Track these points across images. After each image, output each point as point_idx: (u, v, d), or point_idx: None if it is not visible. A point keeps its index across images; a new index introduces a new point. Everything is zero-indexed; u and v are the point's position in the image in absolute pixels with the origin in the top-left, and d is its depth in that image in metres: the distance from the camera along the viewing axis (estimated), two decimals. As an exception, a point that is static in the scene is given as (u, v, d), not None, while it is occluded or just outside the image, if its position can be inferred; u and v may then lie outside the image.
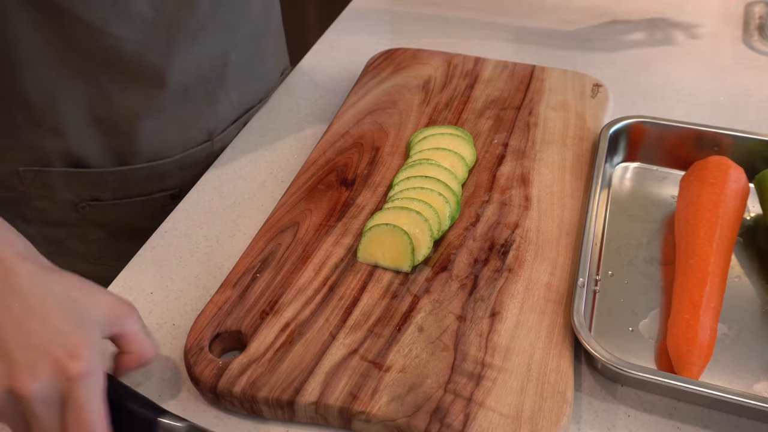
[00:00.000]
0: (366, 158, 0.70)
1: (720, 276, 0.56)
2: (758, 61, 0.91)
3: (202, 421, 0.51)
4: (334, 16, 1.04)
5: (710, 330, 0.53)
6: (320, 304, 0.55)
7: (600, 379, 0.53)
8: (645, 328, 0.56)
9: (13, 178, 0.69)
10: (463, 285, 0.57)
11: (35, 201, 0.70)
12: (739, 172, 0.63)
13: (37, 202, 0.70)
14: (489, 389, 0.49)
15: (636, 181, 0.71)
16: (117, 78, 0.65)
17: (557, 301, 0.56)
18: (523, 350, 0.52)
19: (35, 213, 0.71)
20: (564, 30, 0.99)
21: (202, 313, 0.55)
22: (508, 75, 0.83)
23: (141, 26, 0.63)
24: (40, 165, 0.68)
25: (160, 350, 0.52)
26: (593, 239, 0.59)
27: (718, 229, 0.58)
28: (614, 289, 0.59)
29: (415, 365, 0.51)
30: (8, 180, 0.69)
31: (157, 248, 0.65)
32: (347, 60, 0.92)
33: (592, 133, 0.74)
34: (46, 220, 0.72)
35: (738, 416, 0.51)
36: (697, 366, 0.51)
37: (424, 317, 0.54)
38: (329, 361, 0.51)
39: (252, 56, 0.78)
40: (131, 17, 0.62)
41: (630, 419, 0.51)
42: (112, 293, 0.48)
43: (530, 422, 0.47)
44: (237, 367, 0.51)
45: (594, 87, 0.80)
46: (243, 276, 0.58)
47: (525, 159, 0.70)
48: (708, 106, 0.83)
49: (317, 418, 0.50)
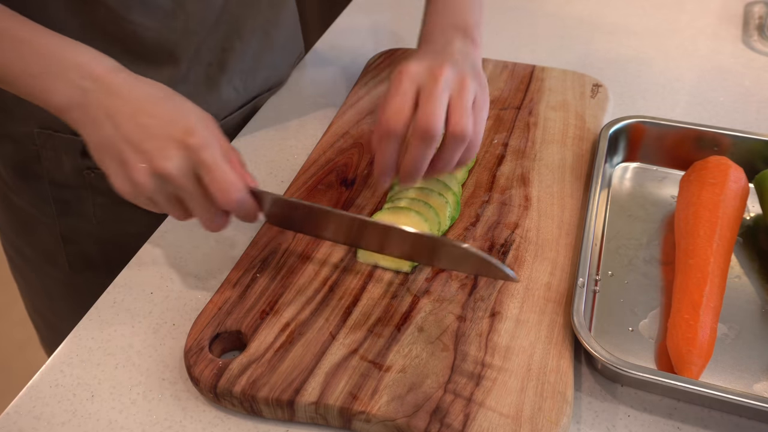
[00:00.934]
0: (366, 158, 0.70)
1: (720, 276, 0.56)
2: (758, 61, 0.91)
3: (202, 421, 0.51)
4: (334, 16, 1.04)
5: (710, 330, 0.53)
6: (320, 304, 0.55)
7: (600, 379, 0.53)
8: (645, 328, 0.56)
9: (29, 138, 0.72)
10: (463, 285, 0.57)
11: (46, 162, 0.73)
12: (739, 172, 0.63)
13: (47, 163, 0.73)
14: (489, 389, 0.49)
15: (636, 181, 0.71)
16: (134, 60, 0.67)
17: (557, 301, 0.56)
18: (523, 350, 0.52)
19: (45, 172, 0.74)
20: (564, 30, 0.99)
21: (202, 313, 0.55)
22: (508, 75, 0.83)
23: (160, 16, 0.66)
24: (51, 129, 0.71)
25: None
26: (593, 239, 0.59)
27: (718, 229, 0.58)
28: (614, 289, 0.59)
29: (415, 365, 0.51)
30: (25, 139, 0.72)
31: (157, 248, 0.65)
32: (347, 60, 0.92)
33: (592, 133, 0.74)
34: (54, 180, 0.74)
35: (738, 416, 0.51)
36: (697, 366, 0.51)
37: (424, 317, 0.54)
38: (329, 361, 0.51)
39: (259, 46, 0.79)
40: (152, 7, 0.65)
41: (630, 419, 0.51)
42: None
43: (530, 422, 0.47)
44: (237, 367, 0.51)
45: (594, 87, 0.80)
46: (243, 276, 0.58)
47: (525, 159, 0.70)
48: (708, 106, 0.83)
49: (317, 418, 0.50)
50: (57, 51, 0.52)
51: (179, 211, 0.54)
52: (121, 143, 0.50)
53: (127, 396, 0.52)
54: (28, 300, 0.92)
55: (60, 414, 0.51)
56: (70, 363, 0.55)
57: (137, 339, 0.56)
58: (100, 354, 0.55)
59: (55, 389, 0.53)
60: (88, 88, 0.51)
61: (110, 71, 0.52)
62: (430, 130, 0.53)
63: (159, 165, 0.49)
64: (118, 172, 0.51)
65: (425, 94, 0.54)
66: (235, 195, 0.51)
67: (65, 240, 0.79)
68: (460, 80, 0.55)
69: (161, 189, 0.51)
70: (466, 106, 0.55)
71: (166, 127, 0.50)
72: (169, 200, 0.52)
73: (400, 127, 0.54)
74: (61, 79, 0.51)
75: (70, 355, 0.55)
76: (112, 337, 0.57)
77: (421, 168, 0.55)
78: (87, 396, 0.52)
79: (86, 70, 0.51)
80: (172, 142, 0.50)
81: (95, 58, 0.53)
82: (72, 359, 0.55)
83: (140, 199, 0.52)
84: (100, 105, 0.51)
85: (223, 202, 0.51)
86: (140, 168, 0.50)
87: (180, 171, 0.50)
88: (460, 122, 0.54)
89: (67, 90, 0.51)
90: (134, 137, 0.50)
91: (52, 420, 0.51)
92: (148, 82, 0.53)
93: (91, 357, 0.55)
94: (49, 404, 0.52)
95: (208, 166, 0.50)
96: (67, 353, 0.56)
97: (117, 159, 0.51)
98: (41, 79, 0.51)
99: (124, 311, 0.59)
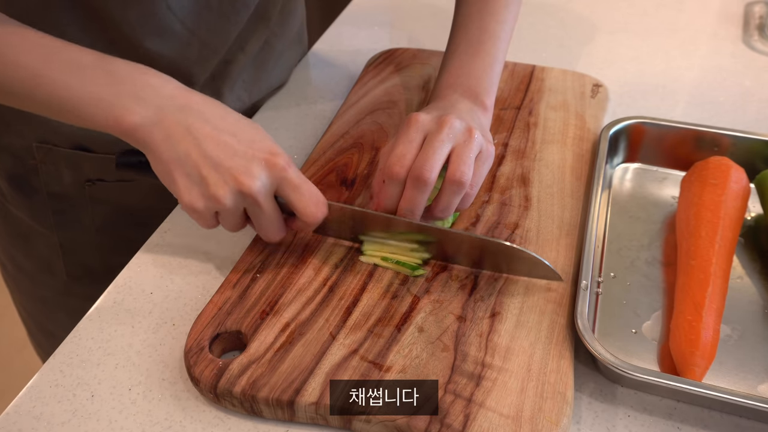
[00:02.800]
0: (366, 158, 0.70)
1: (722, 277, 0.56)
2: (758, 61, 0.91)
3: (202, 421, 0.51)
4: (334, 16, 1.04)
5: (713, 331, 0.52)
6: (320, 305, 0.55)
7: (600, 379, 0.53)
8: (648, 330, 0.56)
9: (27, 152, 0.71)
10: (463, 285, 0.57)
11: (44, 175, 0.73)
12: (740, 173, 0.63)
13: (45, 176, 0.73)
14: (489, 389, 0.49)
15: (636, 182, 0.71)
16: None
17: (557, 302, 0.56)
18: (523, 350, 0.52)
19: (43, 185, 0.74)
20: (564, 30, 0.99)
21: (202, 313, 0.55)
22: (508, 75, 0.83)
23: (176, 44, 0.67)
24: (51, 144, 0.71)
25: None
26: (595, 241, 0.59)
27: (719, 229, 0.58)
28: (616, 291, 0.59)
29: (415, 365, 0.51)
30: (23, 152, 0.72)
31: (157, 248, 0.65)
32: (347, 60, 0.92)
33: (592, 133, 0.74)
34: (52, 192, 0.74)
35: (738, 416, 0.51)
36: (700, 367, 0.51)
37: (424, 317, 0.54)
38: (329, 361, 0.51)
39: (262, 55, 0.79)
40: (167, 35, 0.66)
41: (630, 419, 0.51)
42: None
43: (530, 422, 0.47)
44: (237, 367, 0.51)
45: (594, 87, 0.80)
46: (243, 276, 0.58)
47: (525, 159, 0.70)
48: (708, 106, 0.82)
49: (317, 418, 0.50)
50: (126, 74, 0.52)
51: (238, 226, 0.55)
52: (201, 160, 0.51)
53: (127, 396, 0.52)
54: (21, 306, 0.91)
55: (60, 414, 0.51)
56: (70, 363, 0.55)
57: (137, 339, 0.56)
58: (100, 354, 0.55)
59: (55, 389, 0.53)
60: (165, 106, 0.52)
61: (183, 90, 0.53)
62: (421, 176, 0.54)
63: (245, 183, 0.51)
64: (193, 189, 0.52)
65: (427, 141, 0.56)
66: (323, 209, 0.55)
67: (64, 250, 0.78)
68: (467, 131, 0.57)
69: (237, 206, 0.53)
70: (469, 155, 0.56)
71: (249, 146, 0.52)
72: (238, 216, 0.54)
73: (401, 172, 0.56)
74: (135, 100, 0.51)
75: (70, 355, 0.55)
76: (112, 337, 0.56)
77: (416, 210, 0.57)
78: (87, 396, 0.52)
79: (160, 90, 0.52)
80: (257, 161, 0.52)
81: (165, 78, 0.54)
82: (72, 359, 0.55)
83: (205, 215, 0.53)
84: (179, 123, 0.51)
85: (312, 217, 0.54)
86: (222, 185, 0.51)
87: (264, 189, 0.52)
88: (459, 170, 0.55)
89: (141, 110, 0.51)
90: (216, 155, 0.51)
91: (52, 420, 0.51)
92: (218, 102, 0.55)
93: (91, 357, 0.55)
94: (49, 404, 0.52)
95: (296, 185, 0.53)
96: (67, 353, 0.55)
97: (195, 176, 0.51)
98: (110, 102, 0.51)
99: (124, 311, 0.59)
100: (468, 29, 0.67)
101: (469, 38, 0.66)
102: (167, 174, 0.52)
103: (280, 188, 0.53)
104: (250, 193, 0.52)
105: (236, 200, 0.52)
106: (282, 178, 0.53)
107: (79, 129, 0.69)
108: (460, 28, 0.68)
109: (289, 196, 0.53)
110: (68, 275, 0.80)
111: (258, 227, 0.56)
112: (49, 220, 0.76)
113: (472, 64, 0.65)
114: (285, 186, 0.53)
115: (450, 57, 0.67)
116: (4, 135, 0.71)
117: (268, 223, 0.55)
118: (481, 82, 0.64)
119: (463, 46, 0.66)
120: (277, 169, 0.52)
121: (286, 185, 0.53)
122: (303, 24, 0.89)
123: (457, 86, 0.64)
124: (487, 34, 0.66)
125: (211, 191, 0.51)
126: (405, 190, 0.56)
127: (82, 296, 0.63)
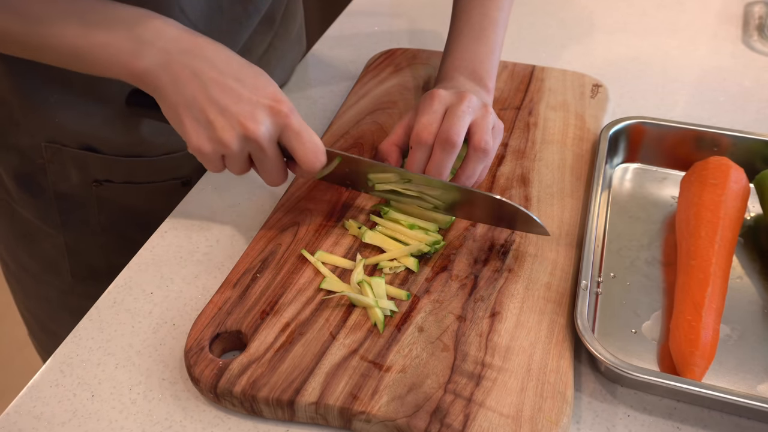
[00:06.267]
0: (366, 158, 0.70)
1: (722, 277, 0.56)
2: (758, 61, 0.91)
3: (202, 421, 0.51)
4: (334, 16, 1.04)
5: (713, 331, 0.52)
6: (320, 304, 0.55)
7: (600, 379, 0.53)
8: (648, 330, 0.56)
9: (36, 151, 0.72)
10: (463, 285, 0.57)
11: (51, 175, 0.73)
12: (740, 173, 0.63)
13: (52, 176, 0.73)
14: (489, 389, 0.49)
15: (636, 182, 0.71)
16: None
17: (557, 302, 0.56)
18: (523, 350, 0.52)
19: (50, 185, 0.74)
20: (564, 30, 0.99)
21: (202, 313, 0.55)
22: (508, 75, 0.83)
23: None
24: (60, 143, 0.71)
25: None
26: (595, 241, 0.59)
27: (719, 229, 0.58)
28: (616, 291, 0.59)
29: (415, 365, 0.51)
30: (31, 152, 0.72)
31: (157, 248, 0.65)
32: (347, 60, 0.92)
33: (592, 133, 0.74)
34: (58, 192, 0.75)
35: (738, 416, 0.51)
36: (700, 367, 0.51)
37: (424, 317, 0.54)
38: (329, 361, 0.51)
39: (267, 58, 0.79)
40: None
41: (630, 419, 0.51)
42: None
43: (530, 422, 0.47)
44: (237, 367, 0.51)
45: (594, 87, 0.80)
46: (243, 276, 0.58)
47: (525, 159, 0.70)
48: (708, 106, 0.82)
49: (317, 418, 0.50)
50: (131, 18, 0.53)
51: (243, 169, 0.57)
52: (208, 104, 0.52)
53: (127, 396, 0.52)
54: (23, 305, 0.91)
55: (60, 414, 0.51)
56: (70, 363, 0.55)
57: (137, 339, 0.56)
58: (100, 354, 0.55)
59: (55, 389, 0.53)
60: (170, 49, 0.53)
61: (187, 32, 0.54)
62: (449, 138, 0.59)
63: (250, 128, 0.52)
64: (200, 132, 0.53)
65: (450, 111, 0.61)
66: (321, 157, 0.56)
67: (69, 250, 0.79)
68: (483, 107, 0.62)
69: (242, 150, 0.54)
70: (488, 127, 0.61)
71: (254, 92, 0.53)
72: (243, 161, 0.56)
73: (429, 138, 0.60)
74: (141, 44, 0.53)
75: (70, 355, 0.55)
76: (112, 337, 0.56)
77: (443, 173, 0.60)
78: (87, 396, 0.52)
79: (164, 33, 0.53)
80: (261, 107, 0.53)
81: (169, 21, 0.55)
82: (72, 359, 0.55)
83: (212, 158, 0.55)
84: (185, 66, 0.53)
85: (311, 165, 0.55)
86: (229, 129, 0.52)
87: (268, 134, 0.54)
88: (483, 139, 0.60)
89: (148, 54, 0.53)
90: (222, 100, 0.52)
91: (52, 420, 0.51)
92: (222, 45, 0.55)
93: (91, 357, 0.55)
94: (49, 404, 0.52)
95: (298, 132, 0.54)
96: (67, 353, 0.56)
97: (202, 119, 0.53)
98: (118, 47, 0.53)
99: (124, 311, 0.59)
100: (471, 15, 0.70)
101: (471, 24, 0.70)
102: (176, 117, 0.54)
103: (283, 134, 0.55)
104: (255, 138, 0.53)
105: (242, 145, 0.54)
106: (285, 125, 0.54)
107: (87, 128, 0.69)
108: (463, 14, 0.71)
109: (291, 142, 0.55)
110: (73, 275, 0.80)
111: (261, 171, 0.57)
112: (56, 220, 0.76)
113: (476, 49, 0.69)
114: (287, 132, 0.54)
115: (454, 41, 0.70)
116: (14, 134, 0.71)
117: (271, 167, 0.56)
118: (484, 65, 0.68)
119: (467, 30, 0.70)
120: (280, 116, 0.54)
121: (288, 132, 0.54)
122: (302, 24, 0.89)
123: (462, 69, 0.68)
124: (488, 20, 0.70)
125: (218, 135, 0.53)
126: (432, 155, 0.60)
127: (85, 296, 0.64)
